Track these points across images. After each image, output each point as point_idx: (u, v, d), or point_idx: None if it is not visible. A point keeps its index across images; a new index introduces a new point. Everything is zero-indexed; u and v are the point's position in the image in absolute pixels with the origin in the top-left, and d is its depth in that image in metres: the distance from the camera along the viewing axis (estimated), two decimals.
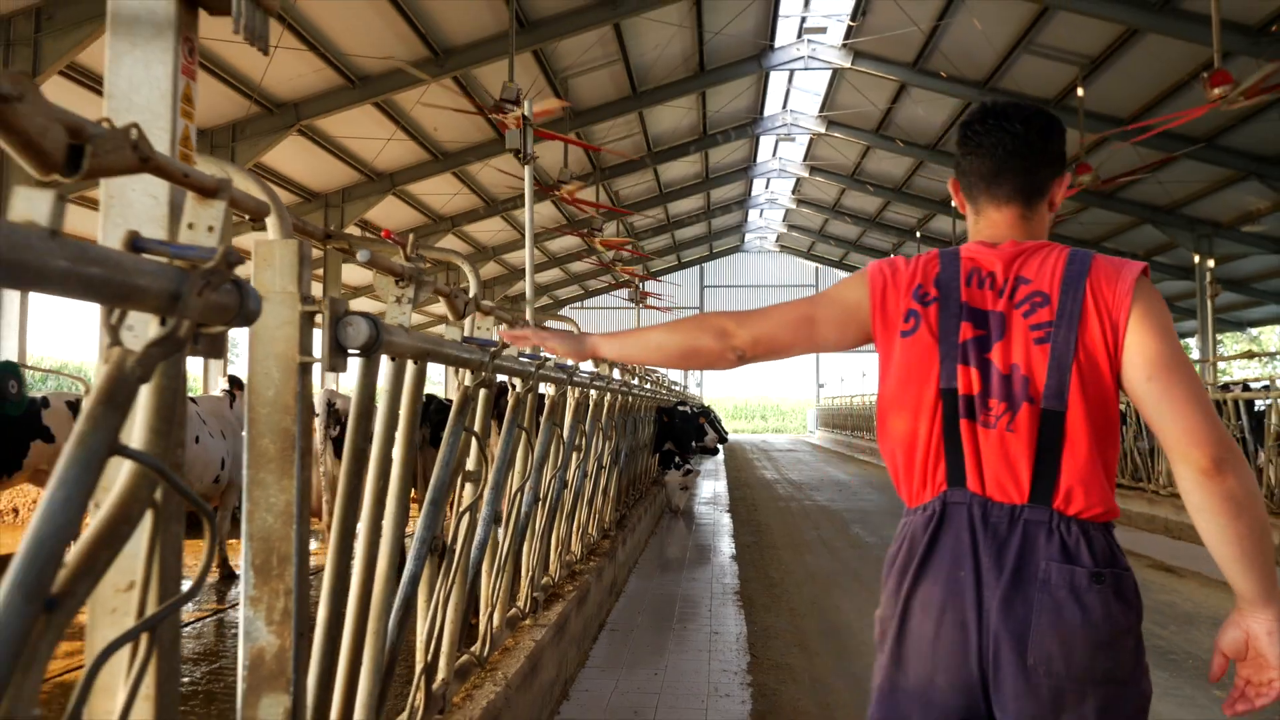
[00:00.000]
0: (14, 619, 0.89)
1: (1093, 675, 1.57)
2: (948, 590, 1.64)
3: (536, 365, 3.52)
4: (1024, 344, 1.69)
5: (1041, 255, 1.76)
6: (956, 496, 1.68)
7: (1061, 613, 1.58)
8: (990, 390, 1.69)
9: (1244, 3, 15.31)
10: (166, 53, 1.45)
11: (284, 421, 1.87)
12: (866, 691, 3.94)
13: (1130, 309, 1.66)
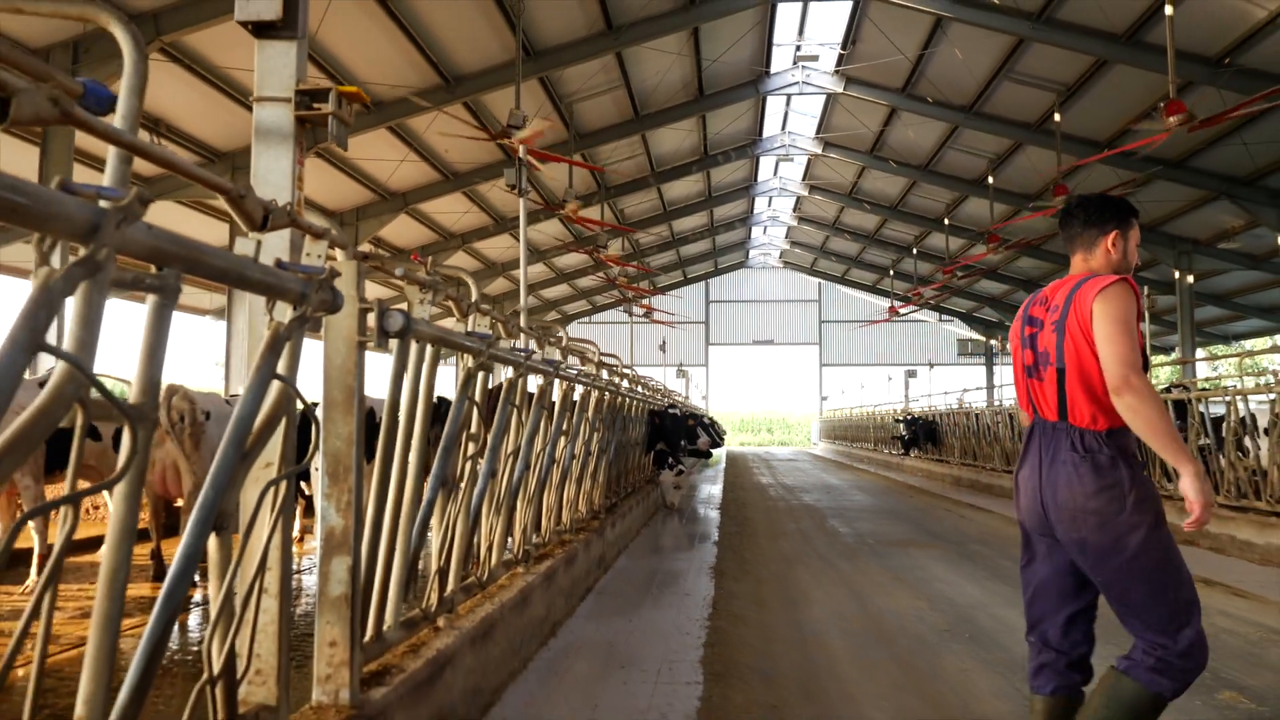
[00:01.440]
0: None
1: (1085, 508, 2.79)
2: (1029, 464, 2.99)
3: (525, 356, 4.52)
4: (1048, 335, 2.93)
5: (1068, 283, 2.98)
6: (1035, 420, 3.01)
7: (1066, 476, 2.83)
8: (1038, 361, 2.98)
9: (1203, 36, 16.32)
10: (288, 152, 2.46)
11: (347, 380, 2.87)
12: (804, 631, 5.01)
13: (1093, 307, 2.81)
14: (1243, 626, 5.84)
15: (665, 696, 4.34)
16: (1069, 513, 2.79)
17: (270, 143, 2.48)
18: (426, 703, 3.32)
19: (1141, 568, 2.73)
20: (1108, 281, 2.81)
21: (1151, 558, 2.74)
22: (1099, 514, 2.75)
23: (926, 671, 4.82)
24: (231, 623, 2.09)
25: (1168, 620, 2.74)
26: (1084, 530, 2.77)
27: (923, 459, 23.40)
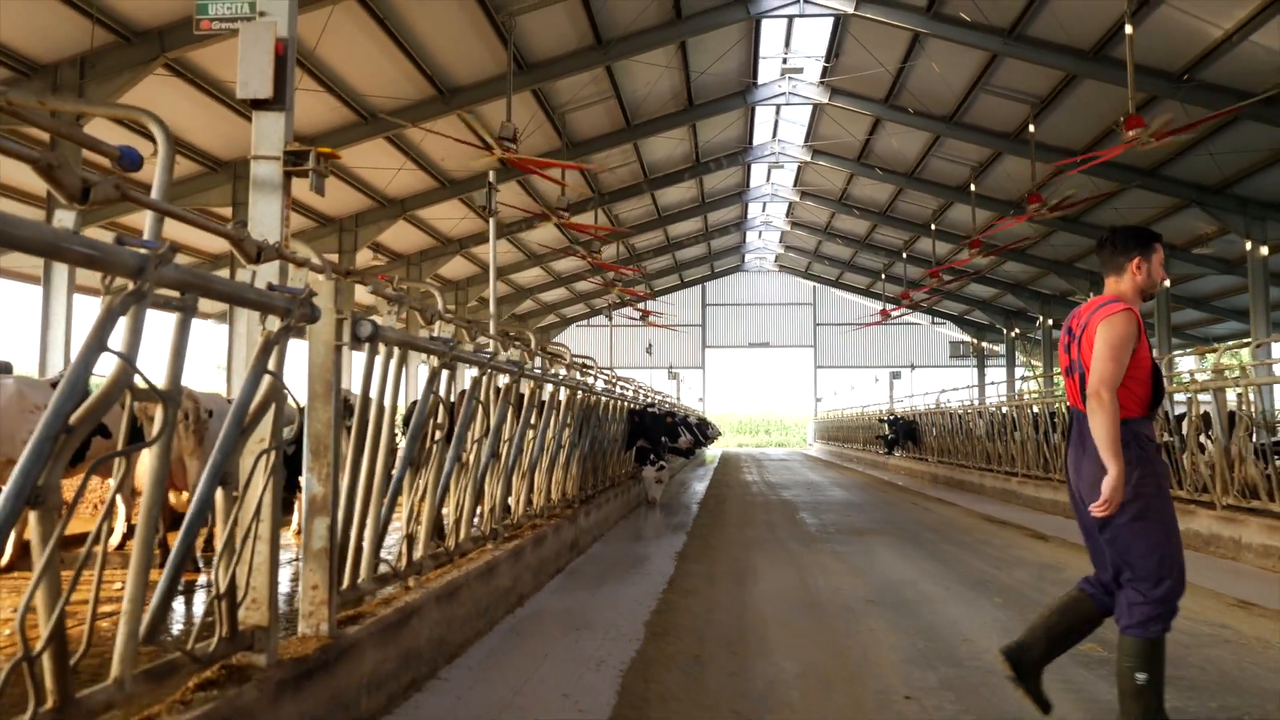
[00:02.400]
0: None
1: (1088, 486, 3.51)
2: (1071, 444, 3.71)
3: (489, 356, 5.24)
4: (1076, 346, 3.66)
5: (1095, 304, 3.66)
6: (1074, 410, 3.72)
7: (1088, 455, 3.52)
8: (1074, 364, 3.67)
9: (1166, 53, 17.02)
10: (278, 200, 3.17)
11: (326, 376, 3.58)
12: (744, 602, 5.72)
13: (1097, 329, 3.52)
14: None
15: (607, 649, 5.04)
16: (1087, 484, 3.51)
17: (264, 192, 3.20)
18: (395, 643, 4.02)
19: (1138, 530, 3.41)
20: (1113, 310, 3.51)
21: (1146, 523, 3.42)
22: (1101, 485, 3.42)
23: (841, 631, 5.52)
24: (233, 556, 2.80)
25: (1153, 572, 3.39)
26: (1092, 496, 3.46)
27: (906, 458, 24.08)
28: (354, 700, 3.60)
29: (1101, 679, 4.50)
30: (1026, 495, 13.94)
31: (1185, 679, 4.48)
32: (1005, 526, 11.27)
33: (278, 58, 3.25)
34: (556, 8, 16.70)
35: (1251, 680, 4.51)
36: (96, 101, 12.29)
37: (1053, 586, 7.04)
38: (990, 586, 7.02)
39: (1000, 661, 3.72)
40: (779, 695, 4.23)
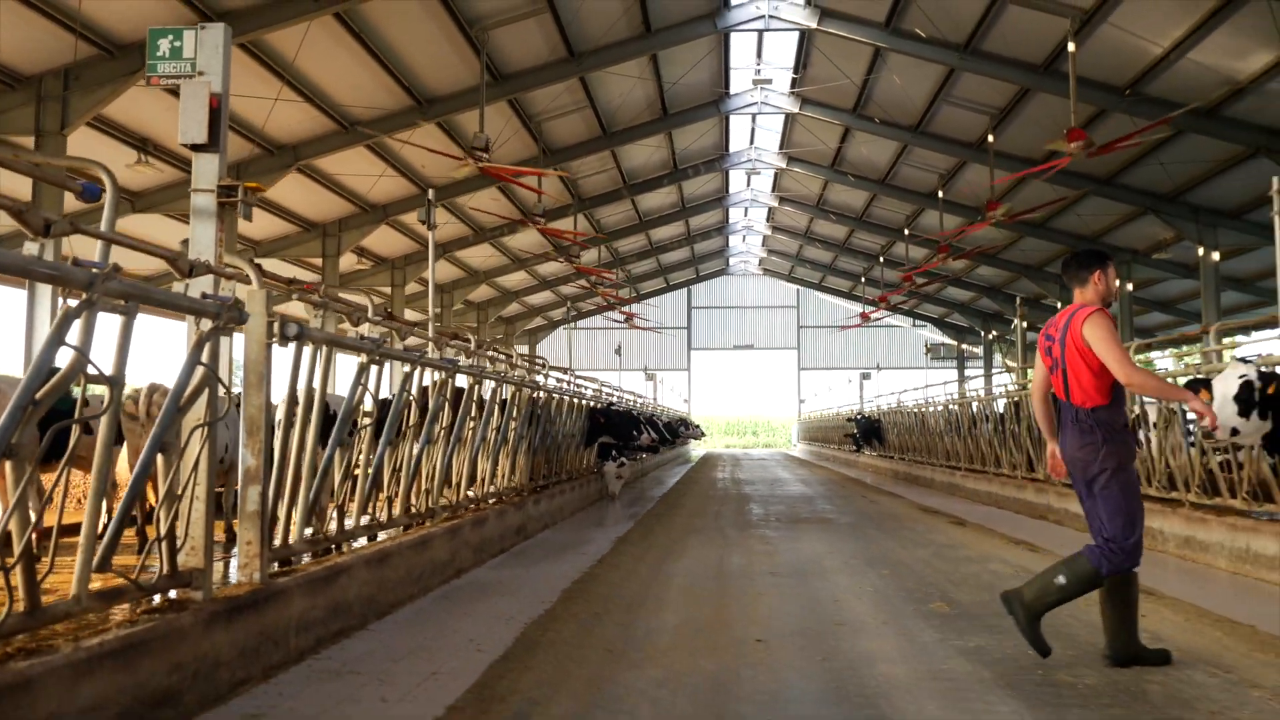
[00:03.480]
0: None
1: (1076, 457, 4.34)
2: (1061, 428, 4.47)
3: (418, 354, 5.98)
4: (1057, 348, 4.40)
5: (1068, 312, 4.41)
6: (1061, 400, 4.42)
7: (1069, 436, 4.35)
8: (1056, 363, 4.38)
9: (1112, 68, 17.81)
10: (212, 225, 3.91)
11: (259, 368, 4.32)
12: (659, 574, 6.51)
13: (1084, 332, 4.24)
14: (1007, 569, 7.30)
15: (521, 609, 5.77)
16: (1075, 457, 4.39)
17: (202, 219, 3.92)
18: (323, 595, 4.76)
19: (1107, 495, 4.28)
20: (1089, 312, 4.31)
21: (1114, 489, 4.28)
22: (1082, 460, 4.35)
23: (731, 596, 6.27)
24: (173, 506, 3.54)
25: (1121, 529, 4.23)
26: (1076, 469, 4.40)
27: (875, 456, 24.86)
28: (283, 637, 4.33)
29: (935, 629, 5.22)
30: (968, 488, 14.70)
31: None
32: (935, 515, 12.03)
33: (212, 110, 3.98)
34: (528, 22, 17.41)
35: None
36: (54, 153, 12.96)
37: (942, 562, 7.79)
38: (885, 562, 7.78)
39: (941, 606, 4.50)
40: (652, 639, 4.97)
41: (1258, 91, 17.37)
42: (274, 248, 23.82)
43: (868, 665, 4.43)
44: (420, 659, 4.54)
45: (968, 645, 4.80)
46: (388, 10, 15.43)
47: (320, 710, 3.72)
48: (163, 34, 4.10)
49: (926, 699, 3.88)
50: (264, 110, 16.94)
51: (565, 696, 3.92)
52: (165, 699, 3.42)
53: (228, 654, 3.85)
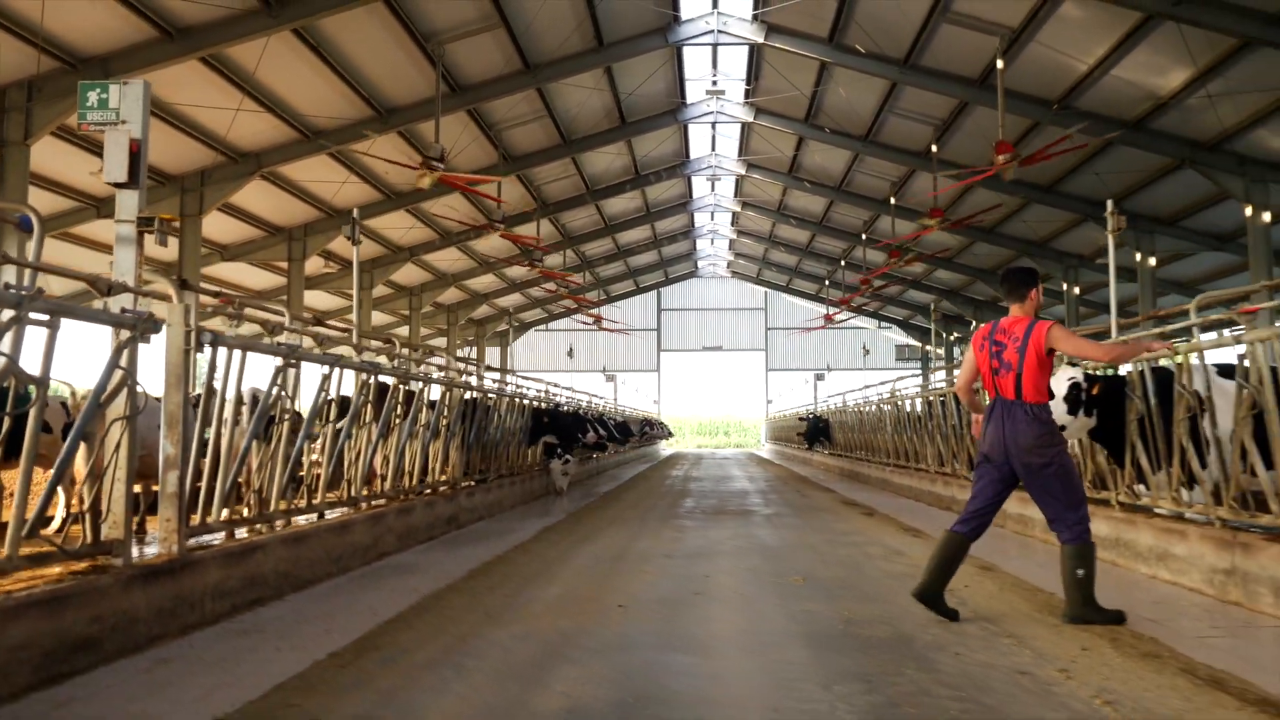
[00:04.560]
0: None
1: (1033, 446, 5.03)
2: (994, 422, 5.20)
3: (332, 361, 6.69)
4: (1011, 353, 5.15)
5: (1020, 323, 5.19)
6: (997, 398, 5.22)
7: (1024, 428, 5.05)
8: (1000, 365, 5.17)
9: (1044, 83, 18.69)
10: (133, 250, 4.62)
11: (178, 371, 5.03)
12: (565, 556, 7.31)
13: (1048, 336, 5.07)
14: (879, 551, 8.08)
15: (426, 585, 6.48)
16: (1024, 448, 5.04)
17: (124, 245, 4.62)
18: (239, 569, 5.47)
19: (1059, 475, 5.07)
20: (1048, 324, 5.16)
21: (1063, 470, 5.10)
22: (1039, 448, 5.05)
23: (621, 573, 7.00)
24: (95, 484, 4.25)
25: (1073, 503, 5.04)
26: (1031, 457, 5.05)
27: (826, 454, 25.68)
28: (199, 602, 5.04)
29: (779, 598, 5.98)
30: (895, 482, 15.50)
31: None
32: (852, 507, 12.82)
33: (132, 154, 4.66)
34: (483, 36, 18.09)
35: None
36: (18, 164, 13.55)
37: (827, 546, 8.56)
38: (777, 547, 8.56)
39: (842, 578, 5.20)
40: (529, 606, 5.70)
41: (1179, 106, 18.30)
42: (240, 251, 24.42)
43: (702, 625, 5.19)
44: (321, 622, 5.26)
45: (798, 610, 5.56)
46: (345, 26, 16.08)
47: (221, 657, 4.44)
48: (91, 87, 4.79)
49: (734, 649, 4.63)
50: (226, 120, 17.56)
51: (433, 646, 4.64)
52: (86, 645, 4.13)
53: (145, 612, 4.56)
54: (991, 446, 5.20)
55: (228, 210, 21.36)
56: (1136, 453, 6.86)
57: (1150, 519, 6.72)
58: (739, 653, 4.53)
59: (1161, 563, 6.43)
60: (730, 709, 3.60)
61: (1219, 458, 5.92)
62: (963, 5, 17.11)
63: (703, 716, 3.51)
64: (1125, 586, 6.26)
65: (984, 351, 5.30)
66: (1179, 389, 6.17)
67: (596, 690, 3.84)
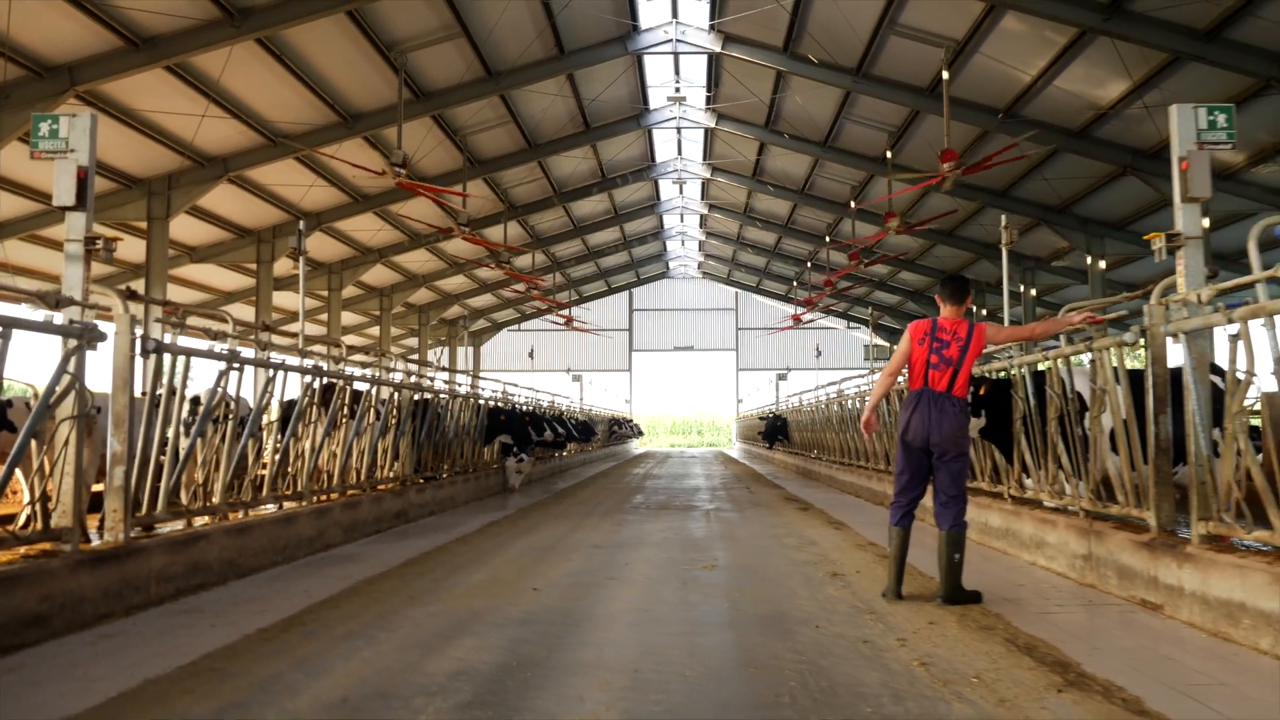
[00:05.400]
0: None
1: (949, 440, 5.63)
2: (920, 412, 5.70)
3: (277, 367, 7.18)
4: (954, 350, 5.69)
5: (961, 324, 5.77)
6: (925, 389, 5.72)
7: (950, 418, 5.63)
8: (940, 360, 5.69)
9: (990, 93, 19.36)
10: (80, 267, 5.10)
11: (124, 375, 5.52)
12: (500, 547, 7.85)
13: (986, 333, 5.75)
14: (795, 541, 8.64)
15: (362, 572, 6.99)
16: (946, 437, 5.58)
17: (73, 262, 5.09)
18: (182, 555, 5.96)
19: (962, 465, 5.69)
20: (985, 324, 5.78)
21: (967, 462, 5.75)
22: (958, 438, 5.63)
23: (547, 561, 7.52)
24: (44, 478, 4.74)
25: (963, 493, 5.65)
26: (949, 445, 5.61)
27: (785, 453, 26.30)
28: (144, 585, 5.53)
29: (682, 583, 6.52)
30: (840, 479, 16.10)
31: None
32: (791, 502, 13.41)
33: (80, 180, 5.12)
34: (445, 45, 18.55)
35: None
36: None
37: (751, 538, 9.13)
38: (701, 539, 9.11)
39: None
40: (451, 590, 6.22)
41: (1119, 116, 19.01)
42: (209, 253, 24.77)
43: (604, 604, 5.73)
44: (257, 604, 5.76)
45: (695, 592, 6.12)
46: (308, 36, 16.50)
47: (160, 633, 4.93)
48: (43, 119, 5.25)
49: (623, 624, 5.17)
50: (192, 125, 17.94)
51: (353, 623, 5.16)
52: (36, 621, 4.62)
53: (92, 593, 5.05)
54: (915, 433, 5.70)
55: (196, 213, 21.75)
56: (1021, 449, 7.45)
57: (1033, 510, 7.30)
58: (625, 627, 5.06)
59: (1039, 550, 7.02)
60: (597, 670, 4.13)
61: (1081, 453, 6.51)
62: (909, 18, 17.72)
63: (568, 675, 4.04)
64: (1006, 571, 6.85)
65: (924, 346, 5.74)
66: (1049, 391, 6.76)
67: (487, 656, 4.37)
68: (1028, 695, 3.67)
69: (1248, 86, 16.50)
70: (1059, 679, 3.89)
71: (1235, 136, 5.49)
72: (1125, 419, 5.80)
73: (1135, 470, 5.81)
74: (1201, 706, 3.54)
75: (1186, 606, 4.95)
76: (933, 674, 4.00)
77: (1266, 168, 19.60)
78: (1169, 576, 5.12)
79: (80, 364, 4.91)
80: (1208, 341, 5.20)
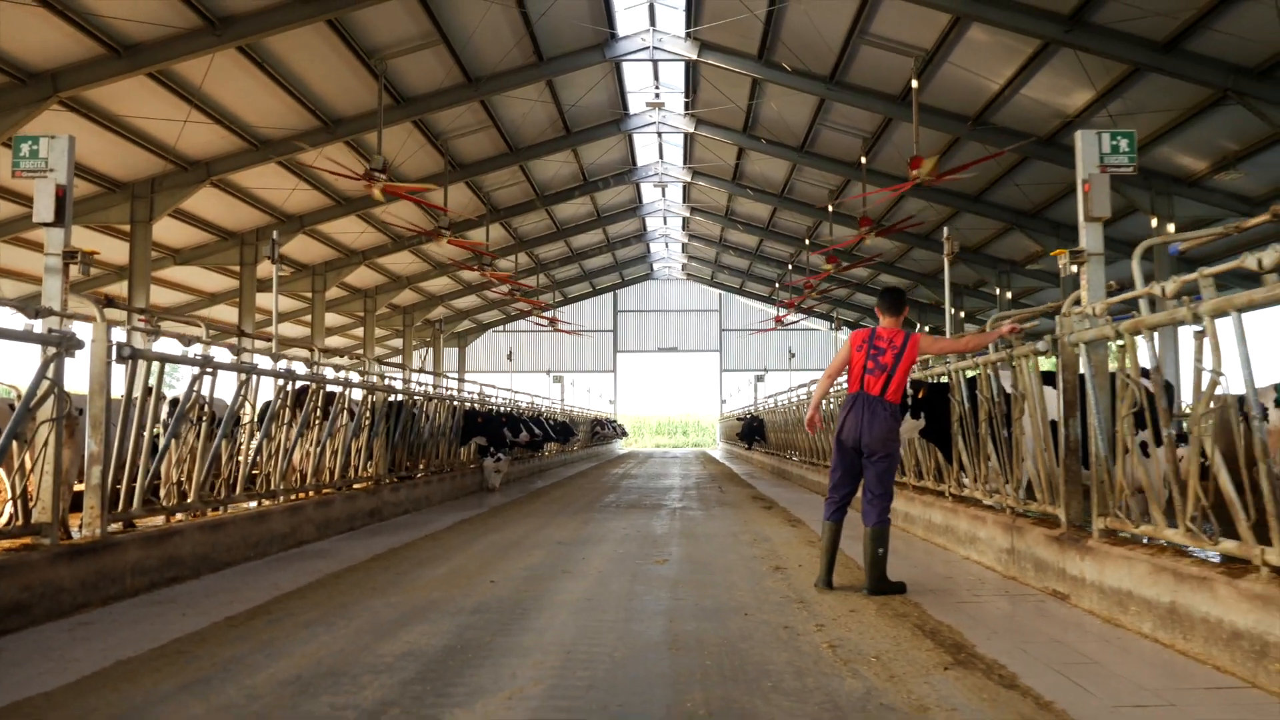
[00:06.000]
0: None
1: (885, 437, 6.04)
2: (854, 414, 6.13)
3: (249, 371, 7.53)
4: (889, 357, 6.10)
5: (897, 334, 6.18)
6: (861, 393, 6.13)
7: (880, 421, 6.02)
8: (875, 366, 6.10)
9: (960, 101, 19.81)
10: (59, 279, 5.45)
11: (101, 380, 5.87)
12: (467, 543, 8.25)
13: (920, 344, 6.21)
14: (750, 537, 9.03)
15: (331, 566, 7.35)
16: (877, 438, 5.95)
17: (52, 275, 5.42)
18: (157, 549, 6.31)
19: (890, 465, 6.08)
20: (919, 335, 6.19)
21: (895, 462, 6.15)
22: (887, 440, 6.00)
23: (509, 556, 7.89)
24: (24, 476, 5.09)
25: (889, 491, 6.04)
26: (879, 446, 5.99)
27: (763, 452, 26.72)
28: (119, 577, 5.88)
29: (631, 576, 6.90)
30: (809, 479, 16.50)
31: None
32: (757, 501, 13.81)
33: (58, 198, 5.47)
34: (425, 52, 18.89)
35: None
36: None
37: (708, 535, 9.51)
38: (659, 536, 9.49)
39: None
40: (413, 582, 6.58)
41: (1086, 124, 19.44)
42: (193, 255, 25.05)
43: (553, 595, 6.10)
44: (227, 595, 6.11)
45: (641, 584, 6.50)
46: (289, 43, 16.83)
47: (135, 620, 5.28)
48: (24, 140, 5.59)
49: (567, 611, 5.54)
50: (175, 130, 18.24)
51: (315, 611, 5.52)
52: (17, 609, 4.97)
53: (70, 584, 5.40)
54: (849, 434, 6.13)
55: (179, 216, 22.03)
56: (959, 449, 7.86)
57: (969, 508, 7.71)
58: (568, 614, 5.44)
59: (972, 545, 7.43)
60: (534, 652, 4.51)
61: (1008, 454, 6.92)
62: (879, 28, 18.15)
63: (506, 656, 4.41)
64: (941, 565, 7.26)
65: (862, 352, 6.17)
66: (979, 395, 7.17)
67: (435, 640, 4.74)
68: (917, 672, 4.06)
69: (1206, 96, 16.99)
70: (950, 659, 4.28)
71: (1135, 159, 5.87)
72: (1040, 422, 6.20)
73: (1051, 470, 6.21)
74: (1067, 681, 3.93)
75: (1088, 596, 5.35)
76: (837, 654, 4.39)
77: (1228, 175, 20.12)
78: (1074, 568, 5.53)
79: (59, 370, 5.26)
80: (1105, 351, 5.60)
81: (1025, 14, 15.87)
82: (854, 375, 6.20)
